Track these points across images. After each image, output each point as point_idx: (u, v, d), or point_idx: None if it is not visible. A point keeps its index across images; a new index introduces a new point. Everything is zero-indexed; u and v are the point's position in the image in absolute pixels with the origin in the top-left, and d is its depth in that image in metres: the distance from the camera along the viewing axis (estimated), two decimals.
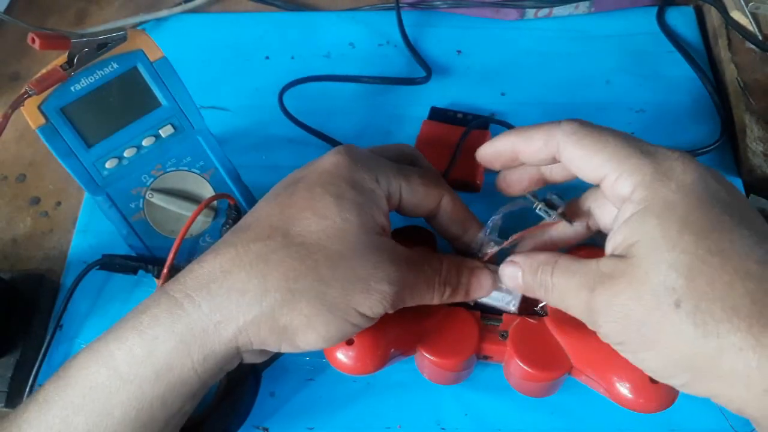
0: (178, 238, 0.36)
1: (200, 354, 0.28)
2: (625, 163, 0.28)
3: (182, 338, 0.28)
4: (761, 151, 0.45)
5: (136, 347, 0.28)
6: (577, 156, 0.29)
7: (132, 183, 0.39)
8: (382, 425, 0.39)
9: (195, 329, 0.28)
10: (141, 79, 0.36)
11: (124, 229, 0.40)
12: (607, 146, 0.28)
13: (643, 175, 0.27)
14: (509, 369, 0.35)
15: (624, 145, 0.28)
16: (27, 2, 0.60)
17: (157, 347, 0.28)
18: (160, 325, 0.28)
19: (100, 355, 0.28)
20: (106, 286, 0.44)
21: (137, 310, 0.29)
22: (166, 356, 0.28)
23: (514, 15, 0.54)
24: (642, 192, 0.27)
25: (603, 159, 0.28)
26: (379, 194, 0.32)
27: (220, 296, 0.28)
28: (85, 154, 0.37)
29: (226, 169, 0.40)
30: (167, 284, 0.30)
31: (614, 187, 0.28)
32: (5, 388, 0.40)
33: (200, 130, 0.39)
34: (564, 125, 0.30)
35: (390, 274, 0.29)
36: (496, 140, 0.33)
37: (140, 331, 0.28)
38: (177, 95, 0.37)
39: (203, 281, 0.29)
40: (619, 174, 0.28)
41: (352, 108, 0.51)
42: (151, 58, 0.36)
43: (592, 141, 0.29)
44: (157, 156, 0.38)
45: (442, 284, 0.32)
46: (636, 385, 0.31)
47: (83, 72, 0.34)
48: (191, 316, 0.28)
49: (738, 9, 0.49)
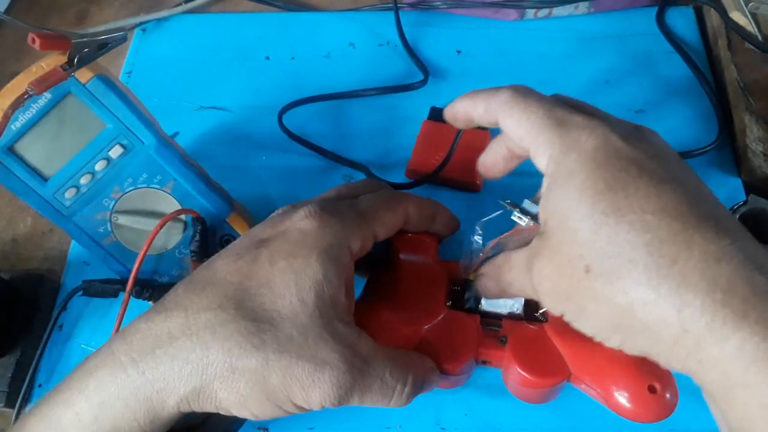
0: (139, 257, 0.36)
1: (146, 417, 0.28)
2: (540, 137, 0.28)
3: (127, 404, 0.28)
4: (761, 151, 0.45)
5: (82, 412, 0.28)
6: (508, 126, 0.29)
7: (95, 209, 0.38)
8: (382, 425, 0.39)
9: (139, 396, 0.28)
10: (79, 104, 0.35)
11: (100, 254, 0.40)
12: (530, 118, 0.28)
13: (552, 149, 0.27)
14: (508, 374, 0.35)
15: (545, 116, 0.28)
16: (27, 2, 0.60)
17: (103, 412, 0.28)
18: (105, 391, 0.28)
19: (49, 419, 0.28)
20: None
21: (83, 370, 0.29)
22: (113, 420, 0.28)
23: (513, 15, 0.54)
24: (552, 166, 0.27)
25: (525, 131, 0.28)
26: (346, 265, 0.30)
27: (163, 364, 0.28)
28: (43, 188, 0.37)
29: (187, 179, 0.39)
30: (114, 341, 0.29)
31: (536, 162, 0.28)
32: (5, 387, 0.40)
33: (150, 144, 0.37)
34: (500, 93, 0.30)
35: (339, 377, 0.28)
36: (454, 102, 0.33)
37: (86, 395, 0.28)
38: (119, 113, 0.36)
39: (149, 345, 0.28)
40: (536, 148, 0.28)
41: (351, 110, 0.51)
42: (83, 81, 0.35)
43: (520, 111, 0.29)
44: (112, 178, 0.38)
45: (403, 396, 0.30)
46: (634, 394, 0.31)
47: (19, 110, 0.33)
48: (135, 382, 0.28)
49: (738, 9, 0.49)
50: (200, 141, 0.50)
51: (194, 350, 0.27)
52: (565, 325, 0.31)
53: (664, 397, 0.31)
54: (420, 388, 0.31)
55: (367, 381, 0.29)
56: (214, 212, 0.39)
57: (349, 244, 0.31)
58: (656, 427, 0.37)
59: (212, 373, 0.27)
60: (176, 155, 0.38)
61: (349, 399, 0.29)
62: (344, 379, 0.28)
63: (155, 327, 0.28)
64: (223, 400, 0.28)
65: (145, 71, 0.55)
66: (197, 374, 0.28)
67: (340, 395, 0.28)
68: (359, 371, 0.29)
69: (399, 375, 0.30)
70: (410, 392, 0.31)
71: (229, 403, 0.28)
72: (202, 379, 0.28)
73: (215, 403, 0.28)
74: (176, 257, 0.40)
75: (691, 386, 0.26)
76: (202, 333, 0.28)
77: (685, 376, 0.26)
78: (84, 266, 0.45)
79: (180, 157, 0.39)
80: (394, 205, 0.34)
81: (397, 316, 0.31)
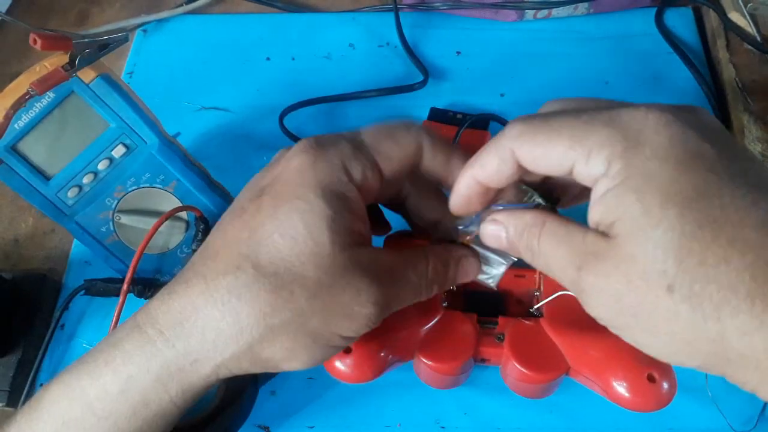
0: (136, 255, 0.36)
1: (178, 388, 0.27)
2: (589, 140, 0.24)
3: (158, 377, 0.27)
4: (759, 151, 0.45)
5: (109, 384, 0.27)
6: (536, 156, 0.26)
7: (98, 208, 0.38)
8: (382, 424, 0.39)
9: (171, 368, 0.27)
10: (82, 104, 0.36)
11: (102, 253, 0.40)
12: (562, 132, 0.25)
13: (613, 146, 0.24)
14: (506, 371, 0.35)
15: (579, 123, 0.25)
16: (28, 3, 0.61)
17: (132, 385, 0.27)
18: (133, 364, 0.27)
19: (72, 390, 0.28)
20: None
21: (109, 343, 0.28)
22: (142, 394, 0.27)
23: (513, 16, 0.54)
24: (616, 165, 0.24)
25: (564, 147, 0.25)
26: (351, 194, 0.29)
27: (194, 336, 0.27)
28: (46, 187, 0.37)
29: (189, 179, 0.39)
30: (138, 315, 0.29)
31: (587, 171, 0.25)
32: (7, 387, 0.40)
33: (153, 144, 0.38)
34: (507, 131, 0.26)
35: (374, 294, 0.28)
36: (456, 186, 0.29)
37: (113, 368, 0.27)
38: (122, 113, 0.36)
39: (176, 318, 0.27)
40: (588, 154, 0.24)
41: (351, 110, 0.51)
42: (86, 80, 0.35)
43: (546, 133, 0.25)
44: (115, 178, 0.38)
45: (429, 285, 0.30)
46: (633, 384, 0.31)
47: (22, 109, 0.34)
48: (165, 355, 0.27)
49: (736, 10, 0.49)
50: (201, 141, 0.50)
51: (224, 319, 0.27)
52: (561, 318, 0.30)
53: (663, 385, 0.31)
54: (446, 275, 0.31)
55: (398, 288, 0.29)
56: (215, 212, 0.40)
57: (350, 173, 0.29)
58: (655, 425, 0.38)
59: (248, 337, 0.27)
60: (178, 155, 0.39)
61: (389, 310, 0.29)
62: (379, 295, 0.28)
63: (178, 299, 0.28)
64: (269, 360, 0.28)
65: (147, 72, 0.55)
66: (233, 342, 0.27)
67: (381, 311, 0.28)
68: (390, 283, 0.29)
69: (421, 271, 0.30)
70: (434, 280, 0.30)
71: (277, 361, 0.28)
72: (239, 345, 0.27)
73: (261, 364, 0.28)
74: (178, 256, 0.41)
75: (691, 386, 0.26)
76: (228, 299, 0.27)
77: (684, 370, 0.25)
78: (86, 266, 0.45)
79: (182, 156, 0.39)
80: (400, 135, 0.30)
81: (394, 319, 0.31)
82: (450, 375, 0.35)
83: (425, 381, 0.37)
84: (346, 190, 0.28)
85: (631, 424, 0.38)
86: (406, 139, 0.30)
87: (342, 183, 0.28)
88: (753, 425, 0.37)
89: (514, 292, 0.38)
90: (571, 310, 0.35)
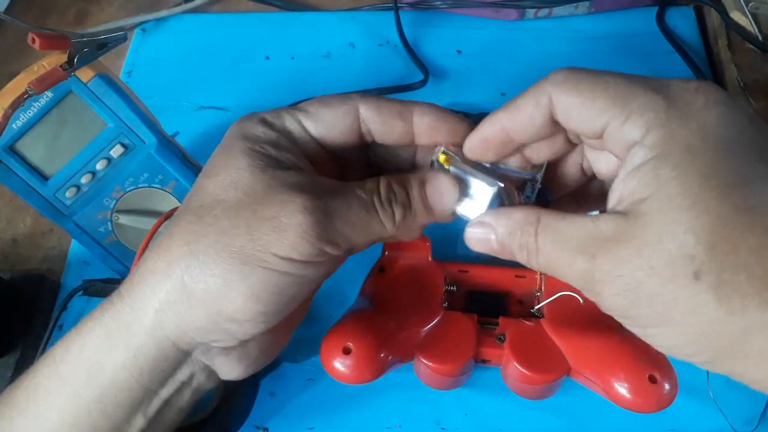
0: (137, 256, 0.36)
1: (128, 349, 0.27)
2: (633, 102, 0.23)
3: (108, 330, 0.27)
4: None
5: (71, 343, 0.28)
6: (574, 104, 0.24)
7: (96, 208, 0.38)
8: (382, 425, 0.39)
9: (120, 320, 0.27)
10: (80, 103, 0.35)
11: (100, 254, 0.40)
12: (608, 87, 0.24)
13: (656, 112, 0.22)
14: (507, 372, 0.35)
15: (628, 83, 0.23)
16: (27, 2, 0.60)
17: (88, 341, 0.27)
18: (92, 319, 0.28)
19: (45, 356, 0.28)
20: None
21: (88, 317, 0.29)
22: (96, 352, 0.27)
23: (513, 15, 0.54)
24: (656, 134, 0.22)
25: (605, 102, 0.23)
26: (270, 135, 0.28)
27: (138, 284, 0.27)
28: (44, 187, 0.37)
29: (188, 178, 0.39)
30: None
31: (621, 132, 0.23)
32: (5, 388, 0.40)
33: (152, 144, 0.38)
34: (552, 76, 0.25)
35: (303, 203, 0.25)
36: (481, 126, 0.27)
37: (77, 328, 0.28)
38: (121, 112, 0.36)
39: (131, 279, 0.28)
40: (627, 116, 0.23)
41: None
42: (84, 80, 0.35)
43: (589, 84, 0.24)
44: (113, 178, 0.38)
45: (386, 203, 0.27)
46: (634, 385, 0.31)
47: (20, 109, 0.34)
48: (115, 306, 0.27)
49: (738, 9, 0.49)
50: (200, 141, 0.50)
51: (159, 257, 0.26)
52: (562, 319, 0.30)
53: (665, 386, 0.31)
54: (407, 195, 0.28)
55: (339, 201, 0.26)
56: None
57: (269, 122, 0.28)
58: (656, 426, 0.38)
59: (178, 269, 0.26)
60: (177, 155, 0.38)
61: (333, 225, 0.26)
62: (310, 203, 0.25)
63: (141, 266, 0.28)
64: (205, 293, 0.26)
65: (145, 71, 0.55)
66: (165, 277, 0.26)
67: (317, 222, 0.25)
68: (329, 196, 0.26)
69: (370, 187, 0.27)
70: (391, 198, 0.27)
71: (212, 293, 0.26)
72: (171, 279, 0.26)
73: (198, 304, 0.26)
74: None
75: (691, 386, 0.26)
76: (162, 241, 0.27)
77: (685, 370, 0.25)
78: (84, 266, 0.45)
79: (181, 156, 0.39)
80: (334, 101, 0.29)
81: (394, 322, 0.31)
82: (450, 376, 0.35)
83: (425, 382, 0.36)
84: (264, 132, 0.28)
85: (632, 425, 0.38)
86: (336, 102, 0.29)
87: (261, 128, 0.28)
88: (755, 426, 0.37)
89: (515, 292, 0.38)
90: (573, 311, 0.35)
